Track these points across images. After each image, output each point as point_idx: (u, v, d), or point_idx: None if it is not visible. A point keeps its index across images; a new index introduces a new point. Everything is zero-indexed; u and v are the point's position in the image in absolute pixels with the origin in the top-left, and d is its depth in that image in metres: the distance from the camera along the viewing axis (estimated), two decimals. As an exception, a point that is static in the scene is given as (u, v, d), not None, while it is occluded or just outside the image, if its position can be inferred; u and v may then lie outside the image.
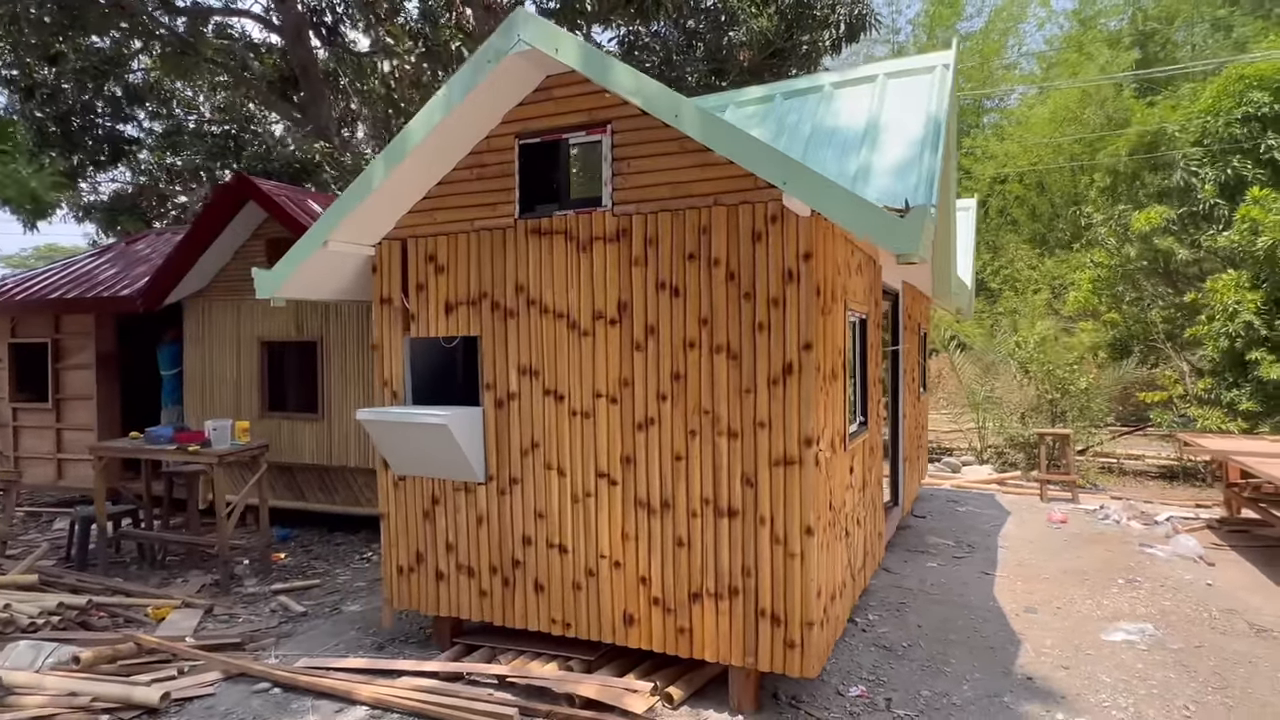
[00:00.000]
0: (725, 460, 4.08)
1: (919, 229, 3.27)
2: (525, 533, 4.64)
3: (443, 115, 4.30)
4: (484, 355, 4.72)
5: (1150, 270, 15.33)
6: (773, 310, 3.94)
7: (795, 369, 3.90)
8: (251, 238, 8.64)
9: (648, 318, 4.25)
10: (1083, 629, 5.48)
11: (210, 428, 6.77)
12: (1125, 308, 15.66)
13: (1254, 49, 19.46)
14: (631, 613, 4.35)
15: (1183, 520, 8.79)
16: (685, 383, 4.16)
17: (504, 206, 4.65)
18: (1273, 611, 5.84)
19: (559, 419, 4.51)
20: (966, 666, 4.80)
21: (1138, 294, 15.59)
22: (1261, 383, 10.90)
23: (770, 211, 3.94)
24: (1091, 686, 4.53)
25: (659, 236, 4.21)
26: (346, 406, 8.16)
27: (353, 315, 8.11)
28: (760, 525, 4.00)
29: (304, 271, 4.91)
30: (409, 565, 5.05)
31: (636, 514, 4.32)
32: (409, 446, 4.73)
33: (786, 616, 3.95)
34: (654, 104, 3.78)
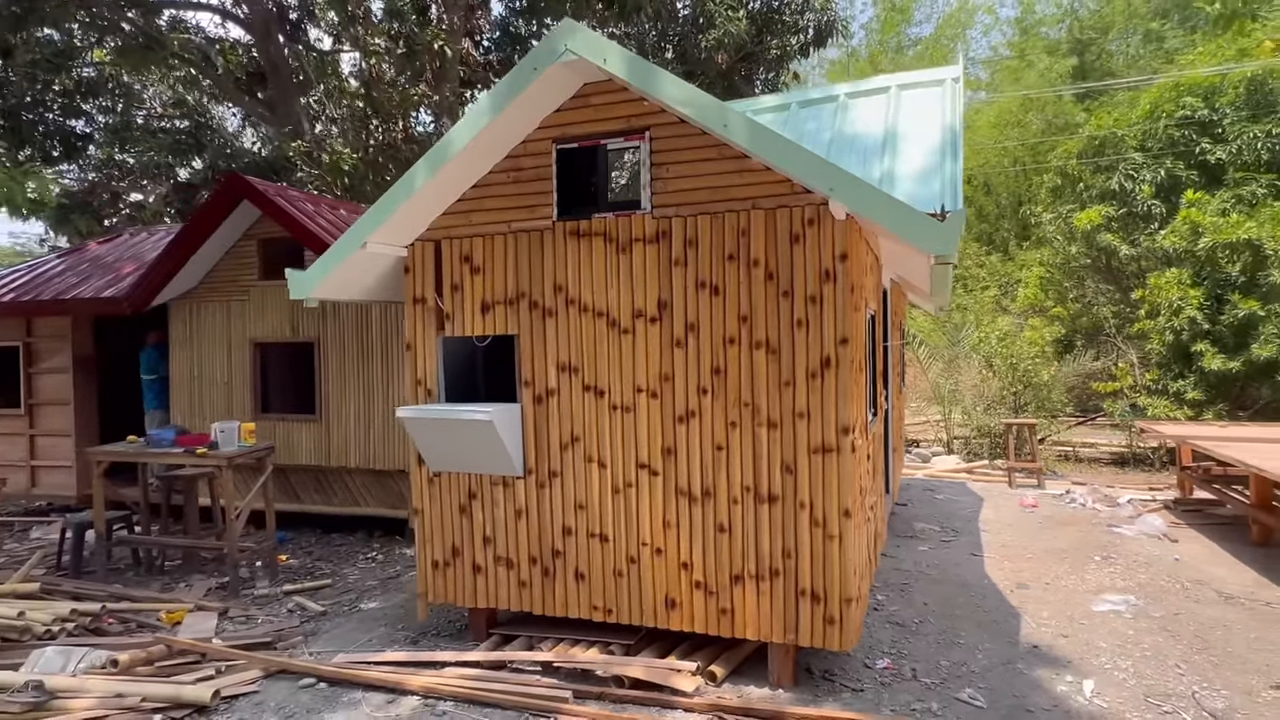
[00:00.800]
0: (765, 449, 4.32)
1: (958, 232, 3.57)
2: (566, 524, 4.81)
3: (488, 120, 4.44)
4: (522, 353, 4.87)
5: (1094, 267, 16.23)
6: (810, 307, 4.20)
7: (833, 363, 4.17)
8: (243, 238, 8.55)
9: (688, 315, 4.47)
10: (1072, 601, 5.91)
11: (217, 430, 6.72)
12: (1070, 303, 16.54)
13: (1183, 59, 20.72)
14: (673, 597, 4.56)
15: (1141, 502, 9.43)
16: (725, 377, 4.40)
17: (542, 209, 4.80)
18: (1236, 581, 6.38)
19: (599, 413, 4.69)
20: (976, 638, 5.16)
21: (1082, 290, 16.49)
22: (1205, 373, 11.71)
23: (808, 215, 4.20)
24: (1091, 651, 4.93)
25: (699, 238, 4.43)
26: (345, 407, 8.16)
27: (350, 316, 8.12)
28: (800, 509, 4.26)
29: (338, 272, 4.97)
30: (444, 559, 5.16)
31: (677, 502, 4.53)
32: (449, 443, 4.85)
33: (826, 594, 4.22)
34: (704, 113, 3.99)
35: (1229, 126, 15.06)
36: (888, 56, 33.00)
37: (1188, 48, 23.31)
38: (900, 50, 31.95)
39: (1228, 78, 15.79)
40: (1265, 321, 11.24)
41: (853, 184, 3.73)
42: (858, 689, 4.39)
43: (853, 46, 33.57)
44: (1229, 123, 15.15)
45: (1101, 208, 15.02)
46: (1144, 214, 14.95)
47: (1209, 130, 15.38)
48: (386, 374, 7.99)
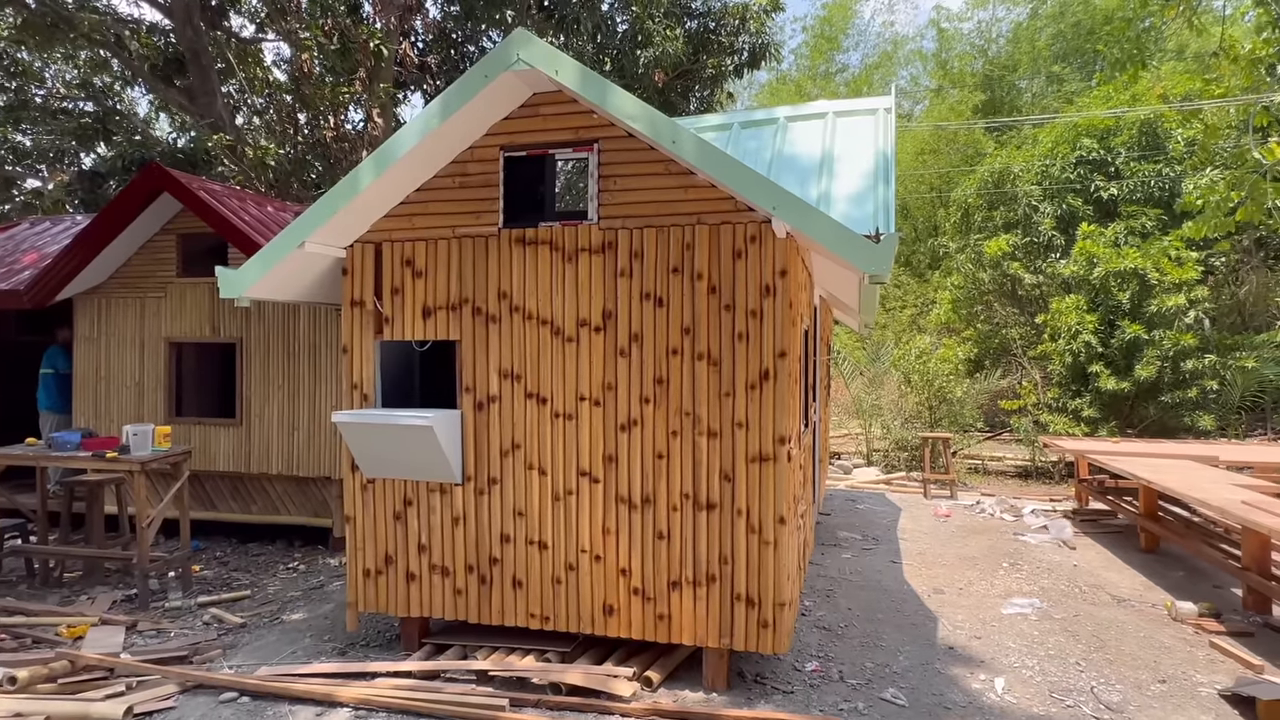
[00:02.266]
0: (705, 458, 4.44)
1: (891, 253, 3.78)
2: (504, 531, 4.79)
3: (437, 124, 4.42)
4: (463, 359, 4.85)
5: (1000, 292, 17.27)
6: (751, 321, 4.36)
7: (771, 375, 4.33)
8: (161, 232, 8.16)
9: (632, 326, 4.55)
10: (984, 605, 6.27)
11: (129, 433, 6.37)
12: (979, 325, 17.52)
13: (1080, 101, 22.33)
14: (611, 603, 4.61)
15: (1044, 512, 10.06)
16: (668, 386, 4.50)
17: (488, 215, 4.80)
18: (1127, 585, 6.90)
19: (541, 421, 4.71)
20: (897, 641, 5.41)
21: (990, 313, 17.49)
22: (1100, 392, 12.60)
23: (750, 232, 4.36)
24: (1002, 651, 5.25)
25: (644, 250, 4.53)
26: (268, 411, 7.87)
27: (276, 316, 7.85)
28: (737, 516, 4.39)
29: (273, 272, 4.83)
30: (377, 568, 5.05)
31: (618, 510, 4.60)
32: (386, 449, 4.77)
33: (760, 598, 4.36)
34: (655, 129, 4.10)
35: (1122, 165, 16.31)
36: (815, 82, 34.21)
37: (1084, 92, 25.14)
38: (828, 77, 33.15)
39: (1122, 120, 17.09)
40: (1149, 345, 12.19)
41: (795, 204, 3.90)
42: (788, 691, 4.53)
43: (782, 70, 34.67)
44: (1122, 162, 16.41)
45: (1008, 237, 15.98)
46: (1045, 244, 16.01)
47: (1103, 169, 16.62)
48: (314, 377, 7.76)
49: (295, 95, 11.31)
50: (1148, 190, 15.69)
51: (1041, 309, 15.53)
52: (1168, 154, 16.01)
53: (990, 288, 16.73)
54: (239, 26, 16.55)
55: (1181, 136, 16.33)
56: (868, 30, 38.54)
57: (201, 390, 8.57)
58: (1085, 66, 29.77)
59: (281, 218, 8.69)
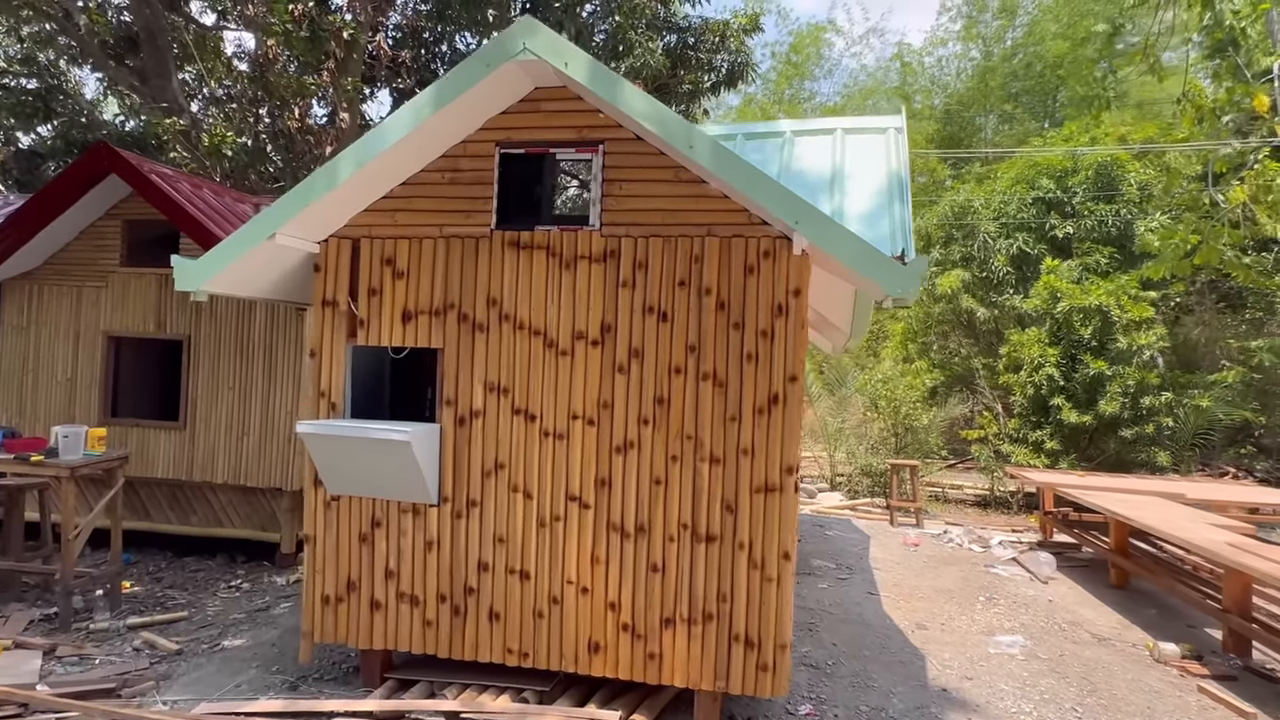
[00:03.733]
0: (707, 485, 4.15)
1: (919, 276, 3.57)
2: (482, 558, 4.41)
3: (430, 114, 4.06)
4: (445, 369, 4.47)
5: (956, 323, 17.52)
6: (762, 341, 4.09)
7: (781, 399, 4.07)
8: (105, 217, 7.54)
9: (633, 341, 4.24)
10: (968, 642, 6.09)
11: (59, 434, 5.76)
12: (934, 355, 17.73)
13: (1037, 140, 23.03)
14: (598, 640, 4.26)
15: (1012, 544, 10.04)
16: (669, 407, 4.20)
17: (479, 215, 4.45)
18: (1105, 623, 6.83)
19: (529, 439, 4.36)
20: (888, 681, 5.17)
21: (945, 343, 17.73)
22: (1061, 425, 12.75)
23: (763, 247, 4.11)
24: (996, 694, 5.06)
25: (649, 261, 4.23)
26: (215, 415, 7.30)
27: (230, 312, 7.31)
28: (739, 550, 4.10)
29: (236, 265, 4.38)
30: (337, 594, 4.60)
31: (609, 538, 4.26)
32: (355, 464, 4.35)
33: (761, 640, 4.06)
34: (669, 131, 3.82)
35: (1079, 205, 16.74)
36: (780, 107, 34.60)
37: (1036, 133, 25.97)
38: (795, 103, 33.58)
39: (1080, 161, 17.57)
40: (1112, 380, 12.41)
41: (821, 220, 3.67)
42: (785, 738, 4.25)
43: (749, 93, 34.98)
44: (1078, 201, 16.85)
45: (958, 272, 16.21)
46: (999, 280, 16.30)
47: (1058, 208, 17.04)
48: (269, 379, 7.23)
49: (258, 83, 10.72)
50: (1104, 230, 16.14)
51: (997, 341, 15.77)
52: (1122, 195, 16.51)
53: (944, 319, 16.93)
54: (198, 11, 15.80)
55: (1134, 180, 16.87)
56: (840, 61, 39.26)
57: (141, 390, 7.93)
58: (1036, 107, 30.75)
59: (240, 209, 8.14)
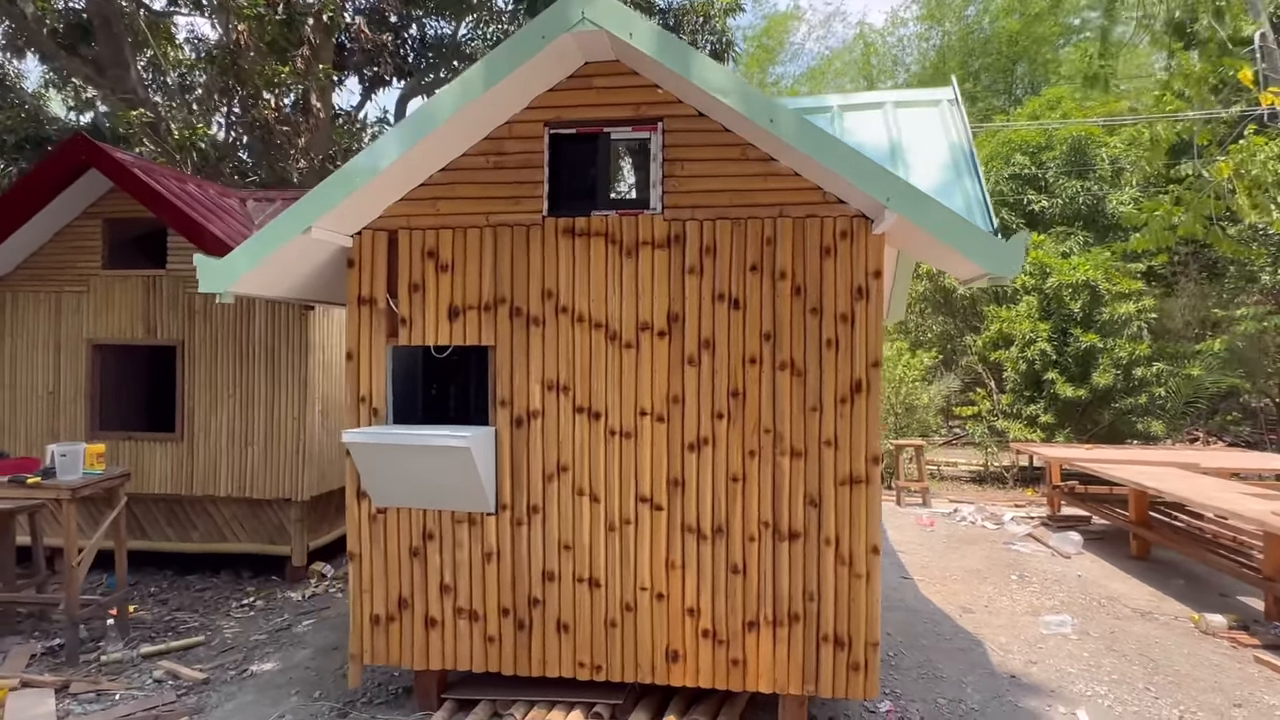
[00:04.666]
0: (788, 480, 3.93)
1: (1023, 253, 3.39)
2: (547, 567, 4.14)
3: (481, 93, 3.74)
4: (498, 368, 4.16)
5: (932, 302, 17.66)
6: (842, 326, 3.88)
7: (864, 387, 3.87)
8: (82, 216, 7.01)
9: (703, 331, 3.99)
10: (1018, 624, 6.02)
11: (55, 454, 5.31)
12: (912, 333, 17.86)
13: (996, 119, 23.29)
14: (677, 648, 4.03)
15: (1023, 519, 10.08)
16: (744, 400, 3.96)
17: (529, 201, 4.15)
18: (1139, 596, 6.83)
19: (593, 439, 4.09)
20: (955, 670, 5.05)
21: (922, 321, 17.86)
22: (1056, 399, 12.88)
23: (840, 227, 3.89)
24: (1065, 678, 4.97)
25: (718, 245, 3.98)
26: (215, 424, 6.86)
27: (226, 314, 6.86)
28: (825, 546, 3.90)
29: (267, 262, 4.01)
30: (388, 613, 4.29)
31: (684, 541, 4.02)
32: (407, 473, 4.03)
33: (851, 639, 3.88)
34: (749, 105, 3.57)
35: (1052, 181, 16.94)
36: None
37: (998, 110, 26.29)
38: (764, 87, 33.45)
39: (1054, 136, 17.75)
40: (1104, 353, 12.54)
41: (914, 195, 3.45)
42: (875, 739, 4.08)
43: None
44: (1051, 177, 17.05)
45: None
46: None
47: (1034, 183, 17.22)
48: (272, 384, 6.81)
49: (229, 71, 10.11)
50: (1076, 205, 16.35)
51: (973, 318, 15.93)
52: (1095, 171, 16.73)
53: (924, 297, 17.03)
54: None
55: (1106, 155, 17.12)
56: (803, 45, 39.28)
57: (131, 401, 7.44)
58: (996, 84, 31.00)
59: (227, 203, 7.66)
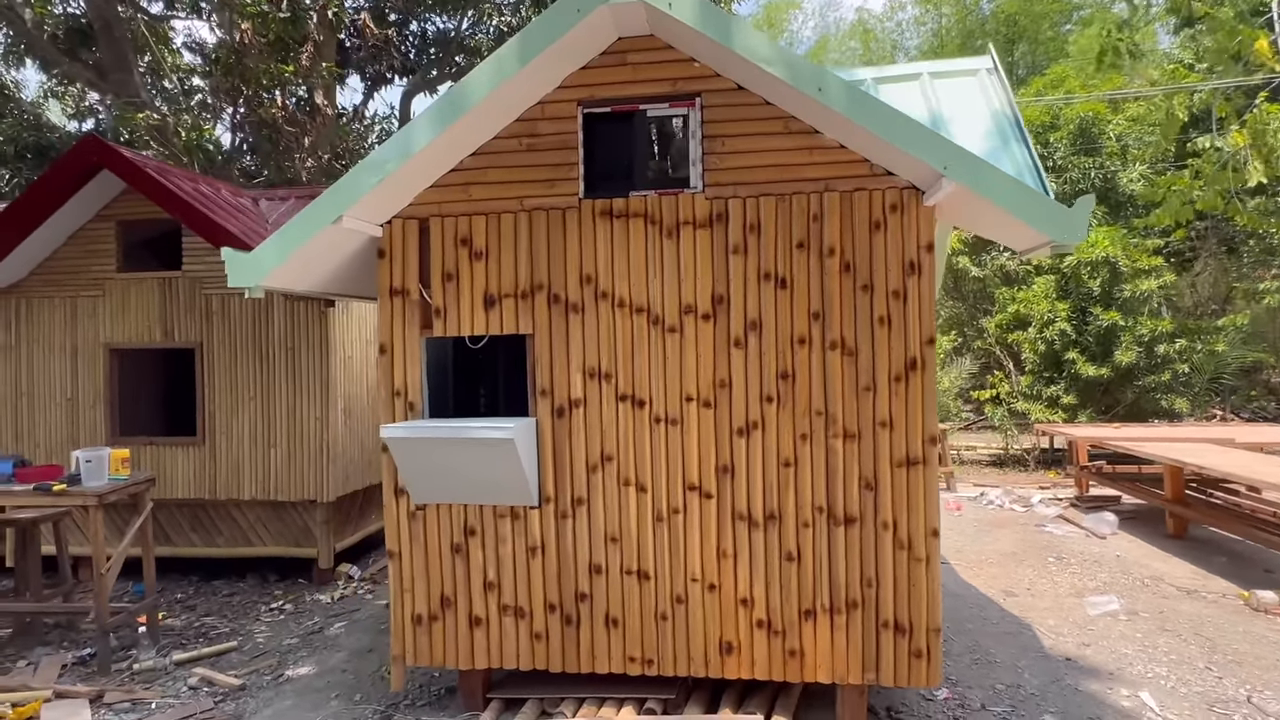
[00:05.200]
0: (842, 464, 3.80)
1: (1087, 219, 3.25)
2: (594, 560, 4.02)
3: (515, 70, 3.61)
4: (538, 357, 4.04)
5: (944, 285, 17.51)
6: (894, 303, 3.75)
7: (919, 365, 3.74)
8: (95, 219, 6.89)
9: (749, 312, 3.86)
10: (1064, 606, 5.89)
11: (81, 460, 5.20)
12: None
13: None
14: (730, 640, 3.92)
15: (1052, 501, 9.95)
16: (794, 382, 3.84)
17: (564, 184, 4.01)
18: (1182, 575, 6.69)
19: (638, 427, 3.96)
20: (1008, 655, 4.93)
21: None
22: (1077, 378, 12.73)
23: (890, 200, 3.75)
24: (1122, 660, 4.84)
25: (762, 223, 3.85)
26: (237, 427, 6.75)
27: (244, 315, 6.75)
28: (883, 530, 3.77)
29: (296, 255, 3.89)
30: (430, 612, 4.17)
31: (736, 529, 3.90)
32: (448, 468, 3.91)
33: (912, 625, 3.76)
34: (797, 75, 3.43)
35: (1061, 160, 16.75)
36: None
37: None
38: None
39: (1061, 115, 17.55)
40: (1125, 331, 12.39)
41: (973, 162, 3.31)
42: (938, 727, 3.96)
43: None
44: (1060, 156, 16.86)
45: (957, 232, 16.11)
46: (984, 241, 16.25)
47: (1042, 163, 17.03)
48: (293, 384, 6.70)
49: (234, 71, 9.97)
50: (1088, 183, 16.15)
51: (983, 300, 15.78)
52: (1103, 149, 16.54)
53: (940, 283, 16.86)
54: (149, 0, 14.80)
55: (1113, 133, 16.93)
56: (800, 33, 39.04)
57: (151, 405, 7.34)
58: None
59: (240, 202, 7.54)
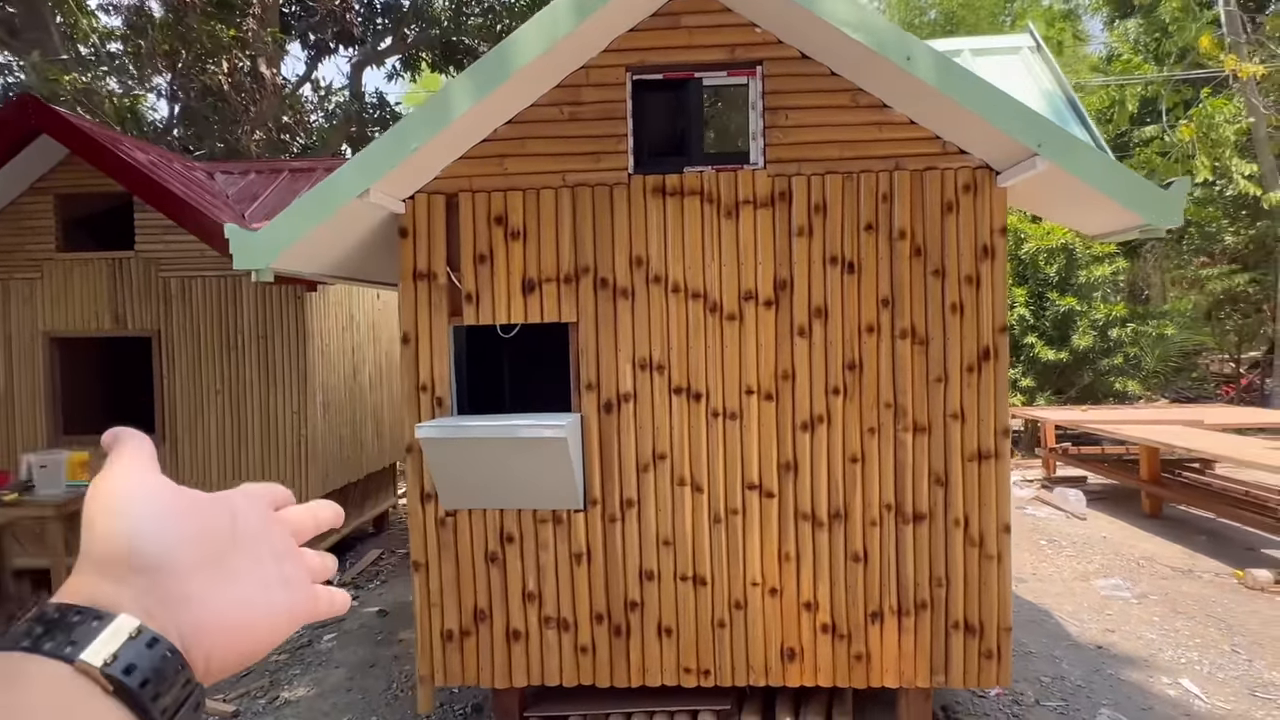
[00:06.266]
0: (911, 458, 3.61)
1: (1182, 202, 3.13)
2: (646, 566, 3.73)
3: (570, 28, 3.23)
4: (584, 347, 3.70)
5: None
6: (967, 289, 3.57)
7: (992, 354, 3.57)
8: (29, 193, 6.13)
9: (814, 299, 3.62)
10: (1075, 591, 5.93)
11: (34, 464, 4.60)
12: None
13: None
14: (792, 646, 3.70)
15: (1023, 483, 10.14)
16: (862, 373, 3.61)
17: (611, 157, 3.66)
18: (1172, 555, 6.85)
19: (694, 423, 3.68)
20: (1040, 644, 4.89)
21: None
22: (1034, 362, 13.07)
23: (963, 180, 3.55)
24: (1150, 646, 4.86)
25: (828, 203, 3.60)
26: (203, 423, 6.16)
27: (209, 298, 6.14)
28: (954, 528, 3.60)
29: (311, 234, 3.43)
30: (462, 628, 3.81)
31: (798, 530, 3.67)
32: (489, 470, 3.54)
33: (983, 625, 3.61)
34: (882, 42, 3.17)
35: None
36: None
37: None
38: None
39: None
40: (1082, 315, 12.77)
41: (1069, 141, 3.13)
42: (1001, 727, 3.85)
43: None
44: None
45: None
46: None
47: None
48: (267, 376, 6.14)
49: (173, 33, 9.04)
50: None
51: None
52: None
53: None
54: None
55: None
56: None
57: (100, 400, 6.62)
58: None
59: (197, 176, 6.85)
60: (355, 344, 6.97)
